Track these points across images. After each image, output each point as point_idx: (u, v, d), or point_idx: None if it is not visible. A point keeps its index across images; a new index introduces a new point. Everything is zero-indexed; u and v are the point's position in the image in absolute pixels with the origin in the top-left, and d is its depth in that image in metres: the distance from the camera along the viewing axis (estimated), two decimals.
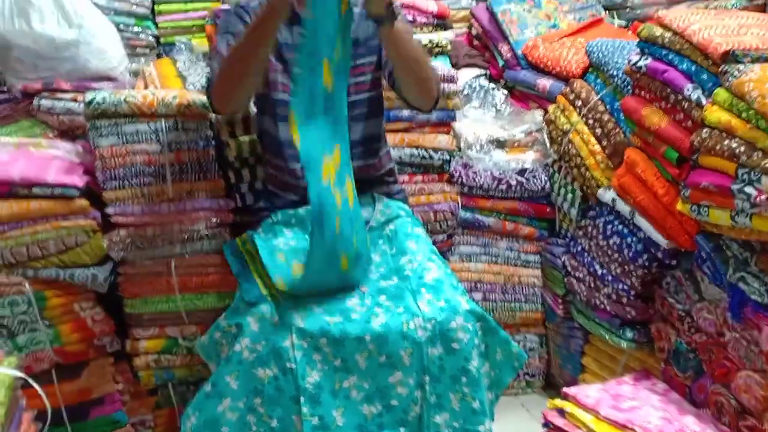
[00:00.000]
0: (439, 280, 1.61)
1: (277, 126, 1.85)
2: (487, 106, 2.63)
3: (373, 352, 1.46)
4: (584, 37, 2.62)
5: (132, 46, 2.99)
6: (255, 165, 2.11)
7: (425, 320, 1.48)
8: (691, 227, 1.77)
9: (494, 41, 2.83)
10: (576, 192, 2.30)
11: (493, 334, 1.57)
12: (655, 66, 1.81)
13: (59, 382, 2.05)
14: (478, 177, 2.40)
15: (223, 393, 1.45)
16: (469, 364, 1.49)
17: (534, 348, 2.56)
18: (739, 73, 1.52)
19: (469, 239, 2.52)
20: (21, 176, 1.88)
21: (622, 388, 1.91)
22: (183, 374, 2.16)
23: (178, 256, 2.06)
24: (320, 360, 1.46)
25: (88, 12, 2.22)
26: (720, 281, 1.68)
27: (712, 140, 1.57)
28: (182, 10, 3.15)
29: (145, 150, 1.96)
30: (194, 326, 2.12)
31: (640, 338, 2.03)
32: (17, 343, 1.98)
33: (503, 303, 2.51)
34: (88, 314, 2.04)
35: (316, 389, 1.46)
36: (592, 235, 2.16)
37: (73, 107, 2.12)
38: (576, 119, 2.27)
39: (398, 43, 1.63)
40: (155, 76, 2.29)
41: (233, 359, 1.45)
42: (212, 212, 2.05)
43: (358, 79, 1.83)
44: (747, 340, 1.61)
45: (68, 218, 1.94)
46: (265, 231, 1.82)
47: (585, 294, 2.20)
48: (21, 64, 2.15)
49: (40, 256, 1.94)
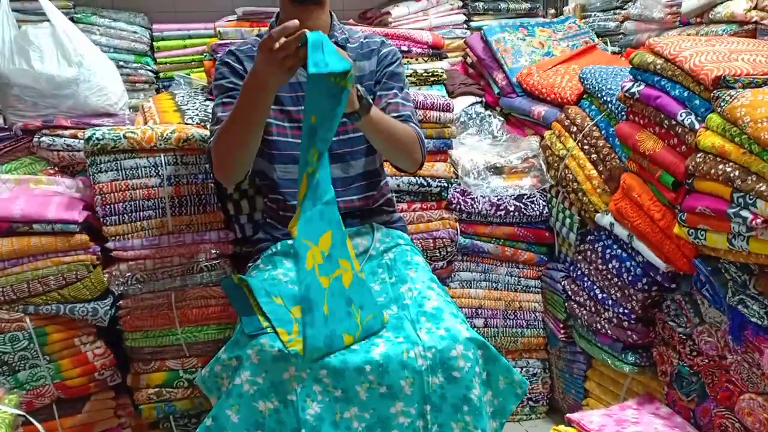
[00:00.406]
0: (439, 309, 1.61)
1: (273, 167, 1.86)
2: (483, 133, 2.66)
3: (374, 383, 1.46)
4: (578, 64, 2.65)
5: (131, 81, 3.04)
6: (254, 196, 2.13)
7: (425, 349, 1.48)
8: (689, 250, 1.77)
9: (489, 69, 2.86)
10: (574, 217, 2.31)
11: (494, 362, 1.56)
12: (648, 92, 1.83)
13: (60, 417, 2.05)
14: (476, 203, 2.42)
15: (224, 427, 1.44)
16: (470, 392, 1.49)
17: (537, 373, 2.56)
18: (731, 99, 1.54)
19: (468, 265, 2.52)
20: (21, 213, 1.90)
21: (625, 412, 1.90)
22: (185, 407, 2.15)
23: (178, 289, 2.07)
24: (320, 391, 1.46)
25: (88, 50, 2.25)
26: (720, 304, 1.68)
27: (706, 165, 1.59)
28: (181, 46, 3.21)
29: (144, 184, 1.98)
30: (195, 358, 2.12)
31: (642, 362, 2.02)
32: (18, 379, 1.98)
33: (505, 329, 2.51)
34: (89, 349, 2.04)
35: (316, 421, 1.46)
36: (591, 259, 2.17)
37: (73, 143, 2.13)
38: (572, 145, 2.29)
39: (375, 128, 1.71)
40: (154, 110, 2.32)
41: (234, 392, 1.44)
42: (212, 244, 2.06)
43: None
44: (749, 363, 1.61)
45: (69, 254, 1.95)
46: (264, 262, 1.83)
47: (586, 318, 2.20)
48: (21, 102, 2.17)
49: (41, 292, 1.95)
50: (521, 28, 2.96)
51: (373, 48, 1.92)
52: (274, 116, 1.84)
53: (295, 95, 1.84)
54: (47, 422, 1.99)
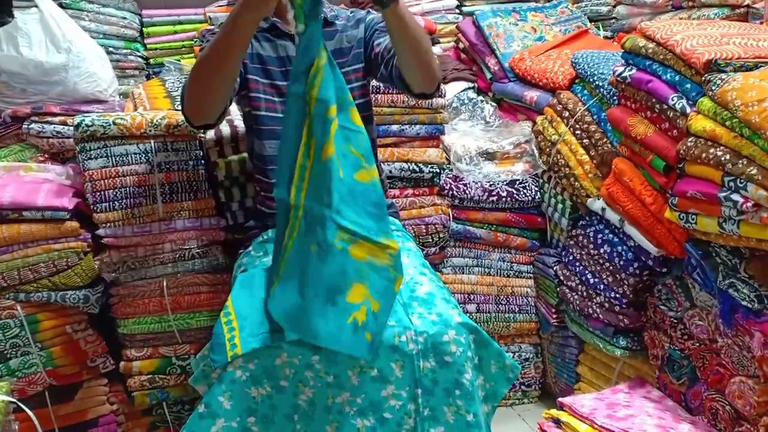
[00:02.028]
0: (431, 294, 1.61)
1: (263, 143, 1.86)
2: (475, 118, 2.65)
3: (365, 367, 1.46)
4: (570, 48, 2.64)
5: (121, 68, 3.02)
6: (245, 183, 2.12)
7: (417, 334, 1.48)
8: (680, 235, 1.78)
9: (481, 55, 2.86)
10: (566, 202, 2.31)
11: (486, 347, 1.57)
12: (639, 76, 1.83)
13: (53, 404, 2.05)
14: (468, 189, 2.41)
15: (217, 413, 1.44)
16: (462, 376, 1.49)
17: (529, 358, 2.57)
18: (722, 82, 1.54)
19: (461, 251, 2.52)
20: (11, 200, 1.89)
21: (617, 396, 1.91)
22: (177, 393, 2.16)
23: (169, 276, 2.06)
24: (312, 377, 1.46)
25: (77, 36, 2.23)
26: (710, 288, 1.69)
27: (697, 149, 1.59)
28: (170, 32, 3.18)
29: (134, 171, 1.97)
30: (187, 345, 2.12)
31: (633, 346, 2.04)
32: (10, 366, 1.98)
33: (497, 314, 2.51)
34: (81, 336, 2.04)
35: (309, 406, 1.46)
36: (583, 244, 2.17)
37: (62, 130, 2.12)
38: (564, 130, 2.29)
39: (402, 23, 1.61)
40: (144, 97, 2.30)
41: (226, 379, 1.44)
42: (203, 231, 2.06)
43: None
44: (739, 346, 1.62)
45: (59, 241, 1.94)
46: (256, 249, 1.83)
47: (578, 303, 2.20)
48: (10, 88, 2.16)
49: (32, 279, 1.95)
50: (513, 13, 2.95)
51: (359, 18, 1.93)
52: (263, 90, 1.83)
53: (285, 69, 1.83)
54: (40, 409, 1.99)
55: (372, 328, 1.43)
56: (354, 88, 1.87)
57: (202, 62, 1.59)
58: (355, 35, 1.90)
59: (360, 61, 1.89)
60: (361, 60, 1.90)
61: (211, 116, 1.69)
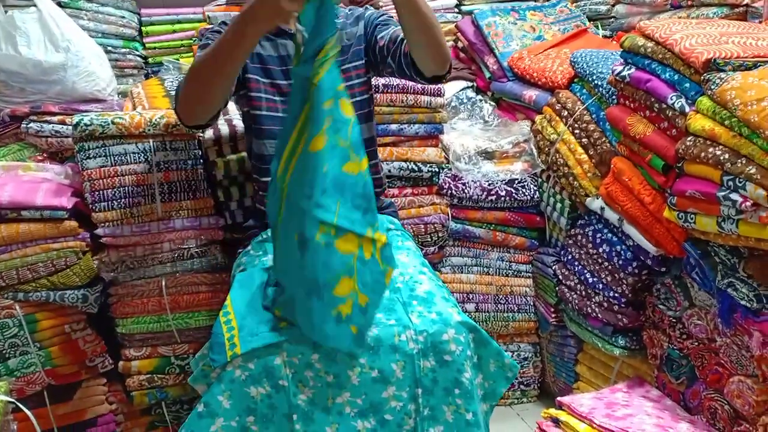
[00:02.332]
0: (431, 293, 1.61)
1: (263, 143, 1.85)
2: (474, 117, 2.65)
3: (365, 367, 1.46)
4: (569, 47, 2.64)
5: (120, 67, 3.02)
6: (244, 182, 2.12)
7: (417, 333, 1.48)
8: (678, 234, 1.78)
9: (480, 54, 2.86)
10: (565, 201, 2.31)
11: (485, 346, 1.56)
12: (638, 76, 1.83)
13: (52, 404, 2.05)
14: (467, 188, 2.41)
15: (216, 413, 1.44)
16: (461, 375, 1.49)
17: (528, 357, 2.57)
18: (721, 81, 1.54)
19: (460, 250, 2.52)
20: (9, 200, 1.89)
21: (615, 395, 1.91)
22: (176, 393, 2.15)
23: (168, 275, 2.06)
24: (312, 377, 1.46)
25: (75, 35, 2.23)
26: (709, 287, 1.69)
27: (696, 148, 1.59)
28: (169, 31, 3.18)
29: (133, 170, 1.96)
30: (186, 345, 2.12)
31: (632, 345, 2.04)
32: (9, 366, 1.97)
33: (496, 313, 2.51)
34: (80, 335, 2.03)
35: (308, 406, 1.46)
36: (581, 243, 2.17)
37: (61, 130, 2.12)
38: (563, 129, 2.29)
39: (414, 4, 1.58)
40: (143, 96, 2.30)
41: (225, 378, 1.44)
42: (202, 230, 2.05)
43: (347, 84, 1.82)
44: (738, 346, 1.62)
45: (58, 240, 1.94)
46: (255, 248, 1.83)
47: (577, 302, 2.20)
48: (8, 88, 2.16)
49: (31, 279, 1.94)
50: (512, 12, 2.95)
51: (358, 15, 1.93)
52: (264, 89, 1.83)
53: (286, 69, 1.83)
54: (38, 409, 1.99)
55: (358, 321, 1.43)
56: (355, 84, 1.87)
57: (201, 64, 1.58)
58: (355, 32, 1.90)
59: (360, 58, 1.89)
60: (362, 57, 1.89)
61: (203, 118, 1.67)
